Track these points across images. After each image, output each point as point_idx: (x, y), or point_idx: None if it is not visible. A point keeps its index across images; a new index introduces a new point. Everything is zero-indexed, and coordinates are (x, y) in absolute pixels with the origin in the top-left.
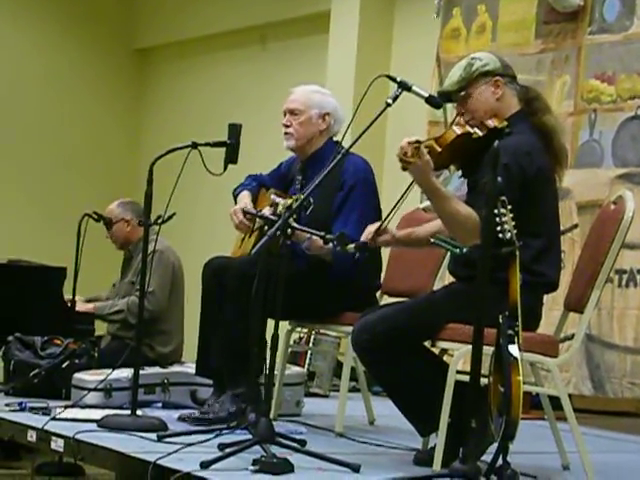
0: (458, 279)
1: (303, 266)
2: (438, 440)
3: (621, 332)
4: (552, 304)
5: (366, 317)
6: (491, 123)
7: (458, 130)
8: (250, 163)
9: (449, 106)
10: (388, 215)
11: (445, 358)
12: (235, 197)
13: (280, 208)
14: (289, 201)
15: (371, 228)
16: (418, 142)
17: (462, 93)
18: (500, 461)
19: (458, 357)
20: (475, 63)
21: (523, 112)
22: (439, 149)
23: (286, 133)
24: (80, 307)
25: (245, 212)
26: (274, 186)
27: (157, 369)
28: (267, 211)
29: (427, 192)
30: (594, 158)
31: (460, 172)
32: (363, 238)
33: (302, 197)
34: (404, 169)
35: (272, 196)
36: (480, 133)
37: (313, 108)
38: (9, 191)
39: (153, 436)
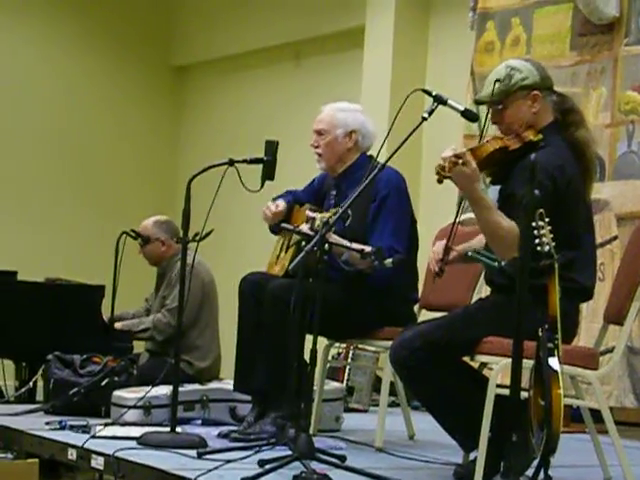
0: (494, 288)
1: (339, 279)
2: (479, 454)
3: None
4: (592, 317)
5: (404, 333)
6: (527, 136)
7: (496, 144)
8: (285, 179)
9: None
10: (450, 233)
11: (485, 372)
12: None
13: (318, 222)
14: (327, 215)
15: (438, 248)
16: (456, 156)
17: (499, 106)
18: (542, 475)
19: (497, 371)
20: (514, 76)
21: (557, 123)
22: (475, 161)
23: (317, 154)
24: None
25: (282, 228)
26: (309, 201)
27: (196, 386)
28: (304, 227)
29: (471, 201)
30: (633, 169)
31: (489, 179)
32: (433, 263)
33: (339, 211)
34: (440, 182)
35: (307, 212)
36: (516, 146)
37: (338, 127)
38: (47, 209)
39: (193, 453)
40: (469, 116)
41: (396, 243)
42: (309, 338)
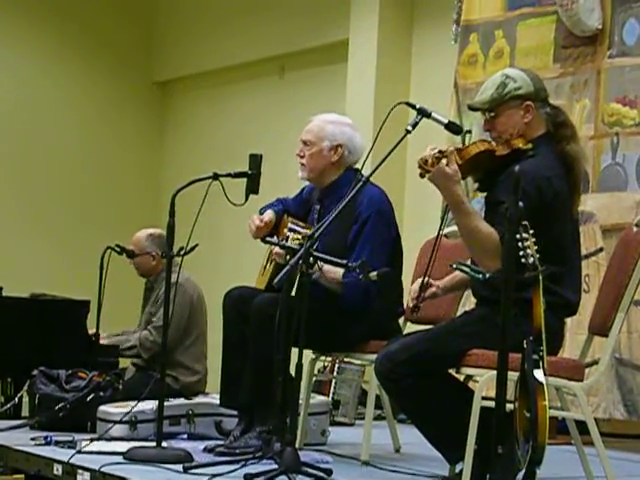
0: (479, 300)
1: (321, 298)
2: (465, 467)
3: None
4: (577, 328)
5: (389, 346)
6: (516, 144)
7: (482, 146)
8: (269, 193)
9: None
10: (427, 270)
11: (470, 384)
12: (260, 213)
13: (297, 236)
14: (300, 236)
15: (415, 287)
16: (440, 152)
17: (491, 114)
18: None
19: (483, 383)
20: (509, 84)
21: (549, 135)
22: (460, 161)
23: (300, 164)
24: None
25: (266, 241)
26: (297, 211)
27: (182, 400)
28: (284, 240)
29: (451, 203)
30: (618, 182)
31: (476, 186)
32: (410, 299)
33: (320, 226)
34: (421, 176)
35: (289, 224)
36: (503, 152)
37: (324, 140)
38: (31, 225)
39: (179, 467)
40: (453, 129)
41: (372, 266)
42: (295, 352)
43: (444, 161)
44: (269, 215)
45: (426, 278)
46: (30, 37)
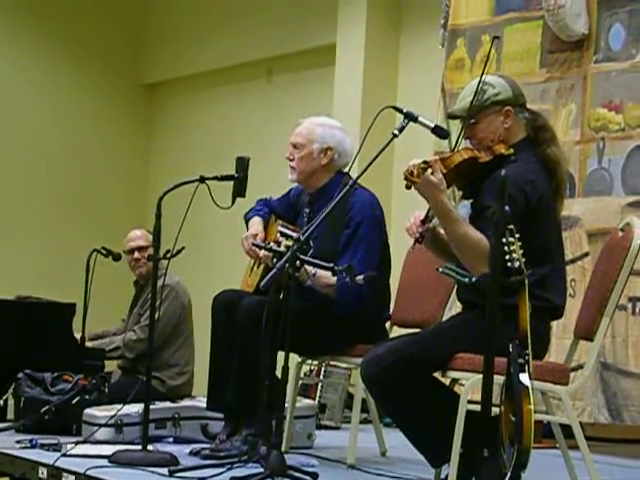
0: (465, 305)
1: (310, 302)
2: (450, 470)
3: (637, 359)
4: (563, 333)
5: (375, 350)
6: (498, 149)
7: (465, 154)
8: (256, 196)
9: (454, 136)
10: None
11: (456, 388)
12: (247, 222)
13: (283, 246)
14: (297, 235)
15: (418, 213)
16: (425, 163)
17: (472, 120)
18: None
19: (469, 387)
20: (487, 91)
21: (529, 139)
22: (444, 170)
23: (290, 166)
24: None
25: (254, 245)
26: (283, 213)
27: (168, 404)
28: (275, 244)
29: (438, 212)
30: (604, 186)
31: (461, 193)
32: (413, 228)
33: (310, 229)
34: (408, 187)
35: (279, 228)
36: (486, 158)
37: (314, 143)
38: (17, 227)
39: (164, 471)
40: (439, 133)
41: (365, 271)
42: (281, 355)
43: (429, 171)
44: (259, 231)
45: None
46: (11, 38)
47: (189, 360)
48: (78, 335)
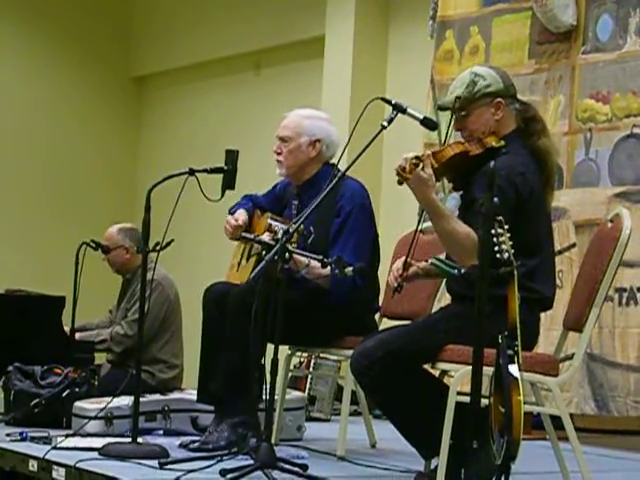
0: (455, 297)
1: (300, 293)
2: (440, 462)
3: (623, 351)
4: (551, 324)
5: (364, 343)
6: (489, 142)
7: (457, 148)
8: (245, 188)
9: (443, 128)
10: (411, 245)
11: (445, 380)
12: (232, 215)
13: (280, 235)
14: (287, 227)
15: (398, 265)
16: (417, 158)
17: (462, 112)
18: None
19: (458, 378)
20: (478, 82)
21: (519, 131)
22: (436, 165)
23: (277, 161)
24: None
25: (243, 237)
26: (269, 208)
27: (157, 396)
28: (266, 236)
29: (427, 208)
30: (591, 177)
31: (451, 186)
32: (392, 278)
33: (300, 220)
34: (400, 183)
35: (269, 220)
36: (477, 151)
37: (303, 135)
38: (5, 221)
39: (155, 463)
40: (428, 124)
41: (357, 260)
42: (271, 347)
43: (420, 166)
44: (243, 216)
45: (409, 258)
46: (0, 33)
47: (178, 354)
48: (67, 328)
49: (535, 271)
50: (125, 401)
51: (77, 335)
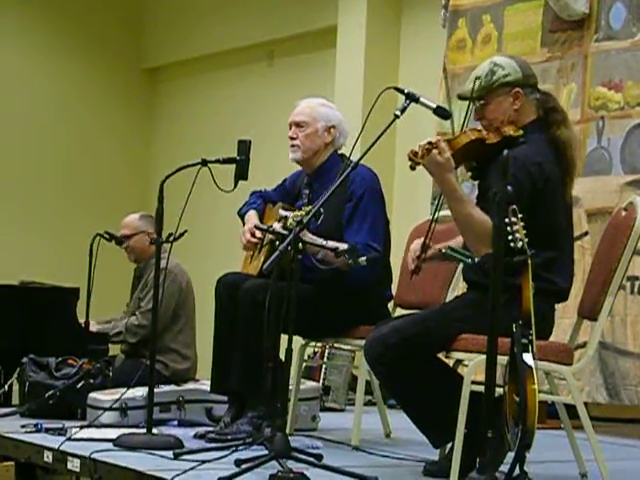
0: (470, 284)
1: (314, 279)
2: (454, 451)
3: (635, 339)
4: (562, 313)
5: (379, 329)
6: (507, 131)
7: (472, 135)
8: (258, 178)
9: (456, 117)
10: (428, 230)
11: (459, 369)
12: (242, 217)
13: (290, 221)
14: (299, 213)
15: (415, 246)
16: (430, 143)
17: (481, 102)
18: (517, 471)
19: (472, 367)
20: (497, 72)
21: (539, 121)
22: (451, 151)
23: (292, 145)
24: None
25: (256, 227)
26: (280, 201)
27: (172, 387)
28: (277, 225)
29: (444, 191)
30: (603, 165)
31: (469, 174)
32: (410, 260)
33: (312, 209)
34: (412, 168)
35: (280, 210)
36: (494, 140)
37: (319, 121)
38: (20, 213)
39: (169, 454)
40: (441, 113)
41: (373, 241)
42: (285, 337)
43: (435, 151)
44: (254, 219)
45: (427, 240)
46: (14, 24)
47: (190, 343)
48: (82, 320)
49: (552, 262)
50: (139, 392)
51: (95, 327)
